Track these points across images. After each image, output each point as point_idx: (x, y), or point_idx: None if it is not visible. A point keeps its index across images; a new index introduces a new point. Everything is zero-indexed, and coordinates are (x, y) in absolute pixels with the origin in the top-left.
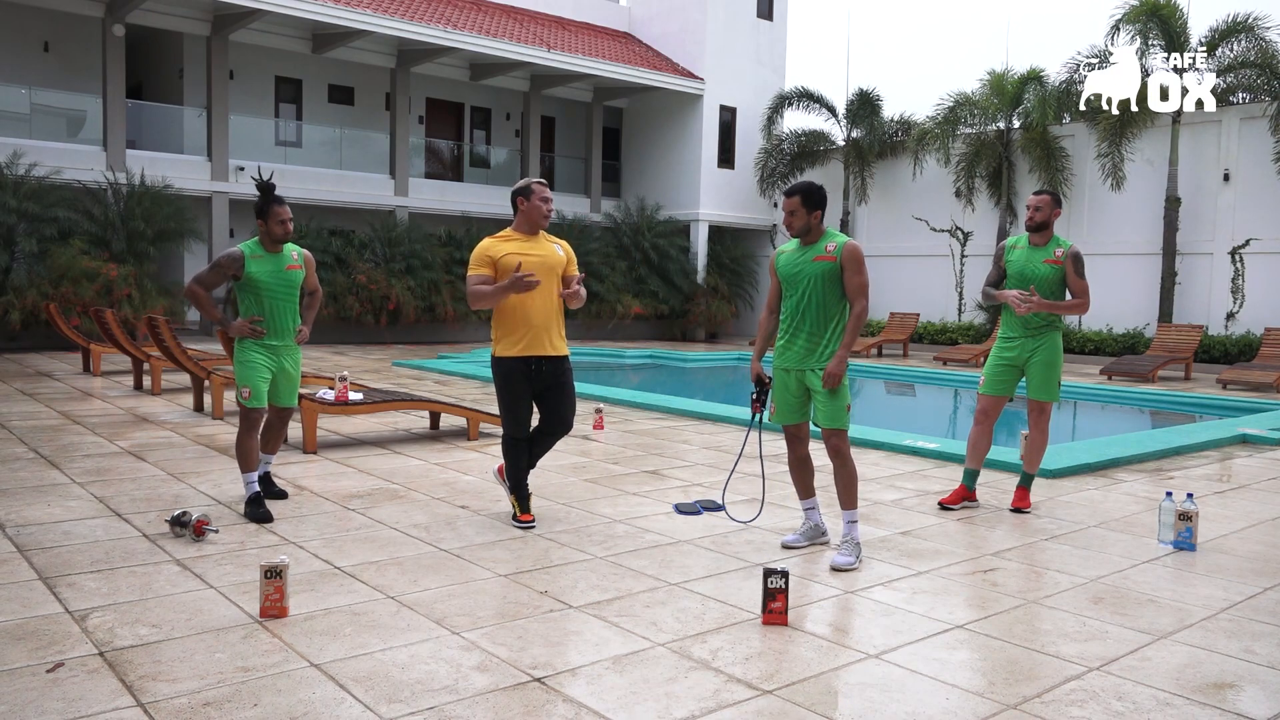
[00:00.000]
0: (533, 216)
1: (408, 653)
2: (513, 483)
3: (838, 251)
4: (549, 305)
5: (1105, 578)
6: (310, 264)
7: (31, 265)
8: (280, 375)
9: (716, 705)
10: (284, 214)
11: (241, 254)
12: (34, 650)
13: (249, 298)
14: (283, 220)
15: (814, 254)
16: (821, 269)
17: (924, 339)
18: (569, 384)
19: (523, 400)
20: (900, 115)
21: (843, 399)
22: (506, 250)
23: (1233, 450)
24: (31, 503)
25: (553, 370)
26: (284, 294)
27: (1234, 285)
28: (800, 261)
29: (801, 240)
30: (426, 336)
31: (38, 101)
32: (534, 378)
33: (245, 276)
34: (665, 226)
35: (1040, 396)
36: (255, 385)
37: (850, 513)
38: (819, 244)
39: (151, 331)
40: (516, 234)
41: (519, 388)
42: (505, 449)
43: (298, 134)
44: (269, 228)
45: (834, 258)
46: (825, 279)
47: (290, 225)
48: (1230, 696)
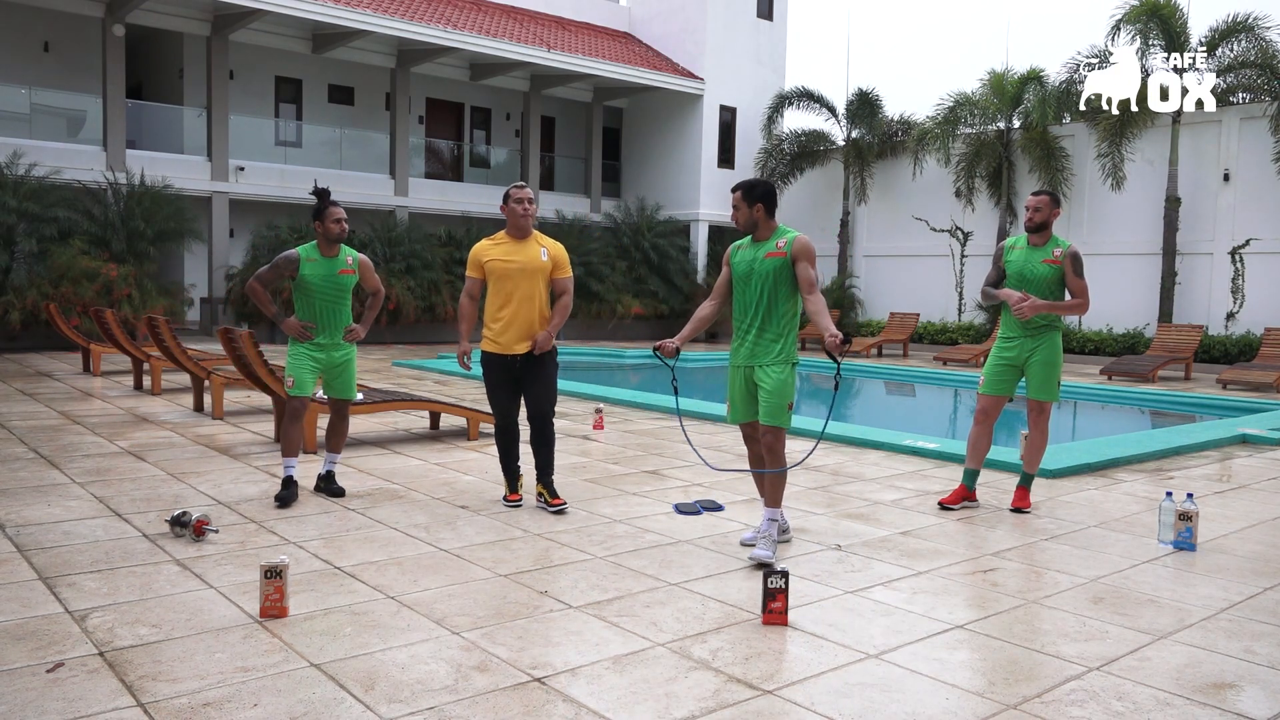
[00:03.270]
0: (513, 220)
1: (408, 653)
2: (502, 465)
3: (788, 246)
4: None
5: (1105, 578)
6: (366, 268)
7: (31, 265)
8: (330, 369)
9: (716, 705)
10: (337, 213)
11: (298, 256)
12: (34, 650)
13: (301, 298)
14: (337, 219)
15: (765, 250)
16: (773, 265)
17: (924, 339)
18: (545, 376)
19: (498, 391)
20: (900, 115)
21: (785, 397)
22: (492, 255)
23: (1233, 450)
24: (31, 503)
25: (528, 365)
26: (333, 296)
27: (1234, 285)
28: (753, 259)
29: (753, 237)
30: (426, 336)
31: (38, 101)
32: (509, 370)
33: (299, 278)
34: (665, 226)
35: (1040, 396)
36: (298, 375)
37: (772, 510)
38: (769, 241)
39: (151, 331)
40: (507, 237)
41: (495, 379)
42: (495, 435)
43: (298, 134)
44: (325, 227)
45: (784, 253)
46: (776, 275)
47: (345, 225)
48: (1230, 696)
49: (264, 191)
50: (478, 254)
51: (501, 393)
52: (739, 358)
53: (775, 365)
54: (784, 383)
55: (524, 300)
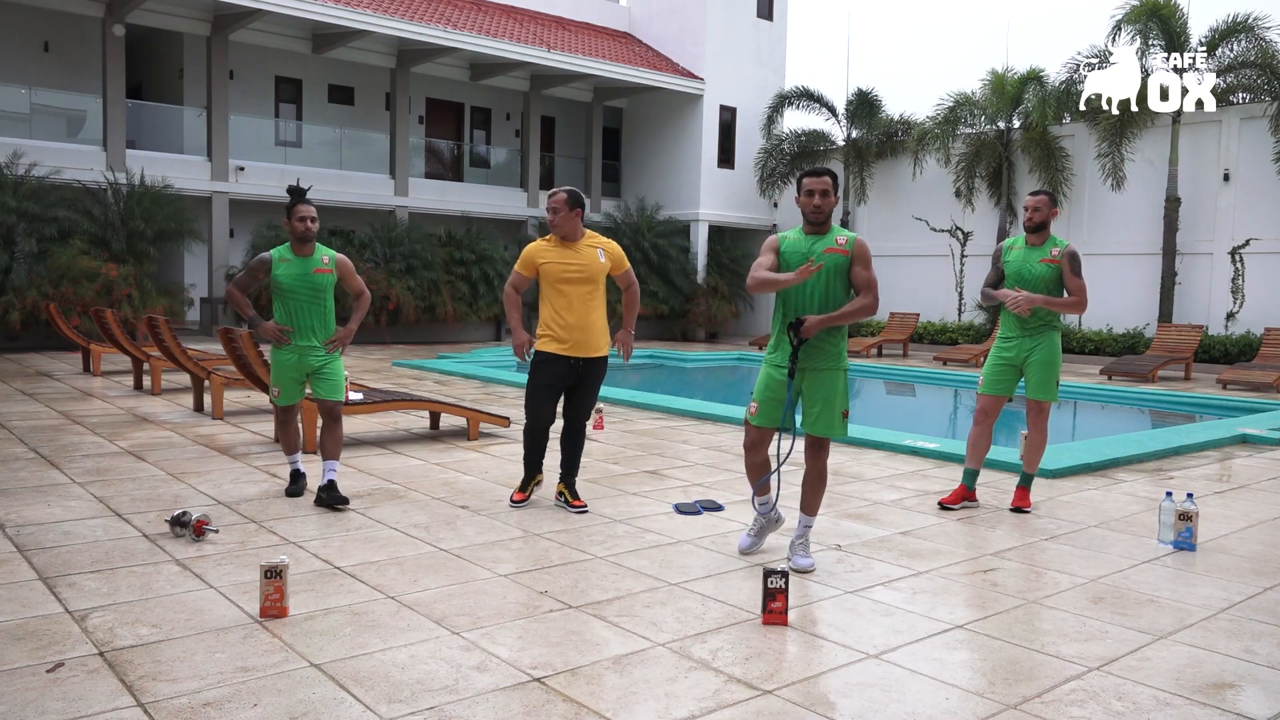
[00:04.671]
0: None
1: (408, 653)
2: (526, 460)
3: (849, 245)
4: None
5: (1105, 578)
6: (345, 268)
7: (31, 265)
8: (313, 374)
9: (716, 705)
10: (303, 211)
11: (270, 258)
12: (34, 650)
13: (278, 300)
14: (301, 217)
15: (823, 245)
16: (833, 261)
17: (924, 339)
18: (596, 382)
19: (546, 392)
20: (900, 115)
21: (841, 405)
22: (549, 258)
23: (1233, 450)
24: (31, 503)
25: (588, 369)
26: (308, 297)
27: (1234, 285)
28: (808, 253)
29: (805, 229)
30: (426, 336)
31: (38, 101)
32: (570, 373)
33: (273, 279)
34: (665, 226)
35: (1039, 396)
36: (282, 385)
37: (812, 518)
38: (828, 236)
39: (151, 331)
40: (558, 241)
41: (547, 380)
42: (524, 433)
43: (298, 134)
44: (291, 225)
45: (846, 251)
46: (833, 272)
47: (310, 223)
48: (1230, 696)
49: (264, 191)
50: (532, 254)
51: (549, 394)
52: (780, 357)
53: (828, 370)
54: (840, 390)
55: (589, 304)
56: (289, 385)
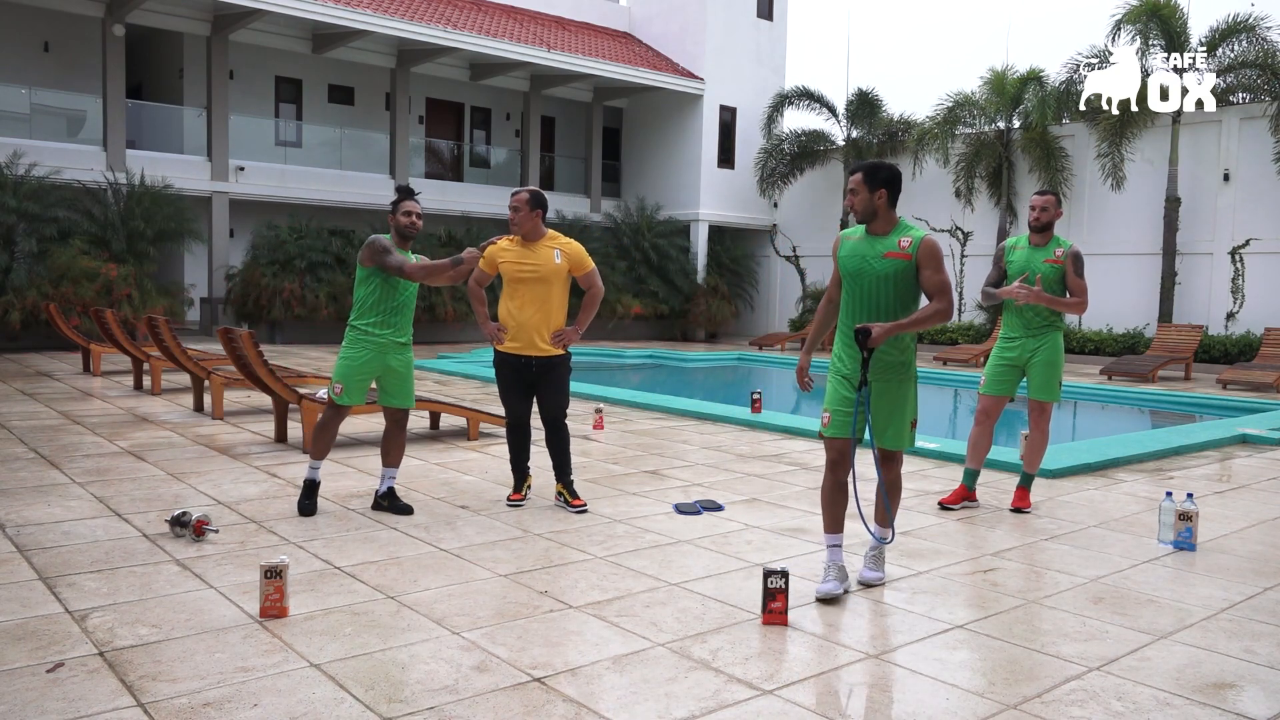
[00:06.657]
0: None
1: (408, 653)
2: (511, 463)
3: (913, 248)
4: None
5: (1105, 578)
6: None
7: (31, 265)
8: (386, 374)
9: (716, 705)
10: (408, 206)
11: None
12: (34, 650)
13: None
14: (408, 212)
15: (884, 248)
16: (892, 268)
17: (924, 339)
18: (556, 380)
19: (510, 391)
20: (900, 115)
21: (909, 415)
22: (506, 257)
23: (1233, 450)
24: (31, 503)
25: (541, 368)
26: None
27: (1234, 285)
28: (866, 255)
29: (867, 228)
30: (426, 336)
31: (38, 101)
32: (521, 372)
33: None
34: (665, 226)
35: (1041, 396)
36: (347, 383)
37: (886, 530)
38: (890, 237)
39: (151, 331)
40: (518, 240)
41: (506, 380)
42: (506, 433)
43: (298, 134)
44: (396, 220)
45: (909, 255)
46: (897, 280)
47: (416, 219)
48: (1230, 696)
49: (264, 191)
50: (494, 251)
51: (513, 394)
52: (846, 365)
53: (897, 380)
54: (909, 400)
55: (535, 303)
56: (355, 385)
